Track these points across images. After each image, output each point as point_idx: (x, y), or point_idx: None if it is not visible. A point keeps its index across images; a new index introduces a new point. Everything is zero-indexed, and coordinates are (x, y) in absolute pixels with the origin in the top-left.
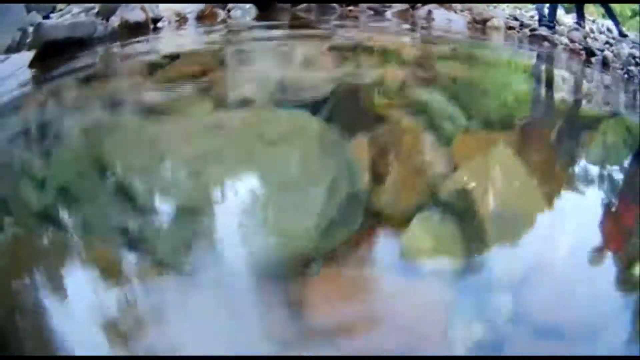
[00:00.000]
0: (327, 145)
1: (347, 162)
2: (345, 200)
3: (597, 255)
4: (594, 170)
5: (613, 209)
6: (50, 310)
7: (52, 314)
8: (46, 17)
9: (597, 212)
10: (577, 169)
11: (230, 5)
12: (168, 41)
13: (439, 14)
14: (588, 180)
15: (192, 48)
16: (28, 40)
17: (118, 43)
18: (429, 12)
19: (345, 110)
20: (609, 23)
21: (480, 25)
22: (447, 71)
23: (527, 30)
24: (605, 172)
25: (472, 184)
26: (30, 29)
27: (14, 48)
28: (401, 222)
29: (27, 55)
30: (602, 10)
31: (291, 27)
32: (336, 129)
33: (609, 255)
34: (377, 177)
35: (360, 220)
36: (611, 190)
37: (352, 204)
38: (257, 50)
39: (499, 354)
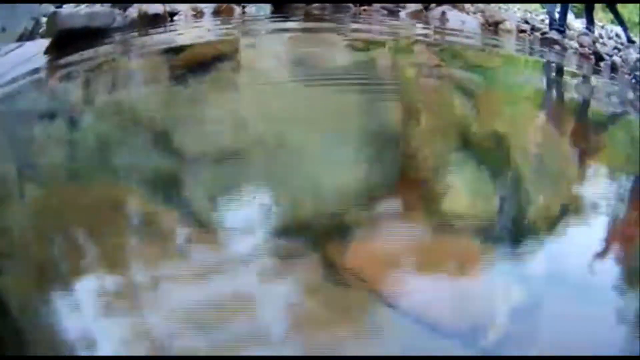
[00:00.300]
0: (363, 105)
1: (382, 116)
2: (383, 147)
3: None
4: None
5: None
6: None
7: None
8: (59, 6)
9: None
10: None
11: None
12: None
13: (452, 15)
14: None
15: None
16: (41, 30)
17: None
18: (443, 13)
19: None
20: (617, 29)
21: (493, 27)
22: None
23: (538, 34)
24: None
25: (498, 129)
26: (44, 19)
27: (26, 36)
28: (434, 165)
29: (42, 43)
30: (611, 16)
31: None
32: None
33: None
34: (411, 124)
35: (397, 165)
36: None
37: (389, 150)
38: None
39: (532, 311)
